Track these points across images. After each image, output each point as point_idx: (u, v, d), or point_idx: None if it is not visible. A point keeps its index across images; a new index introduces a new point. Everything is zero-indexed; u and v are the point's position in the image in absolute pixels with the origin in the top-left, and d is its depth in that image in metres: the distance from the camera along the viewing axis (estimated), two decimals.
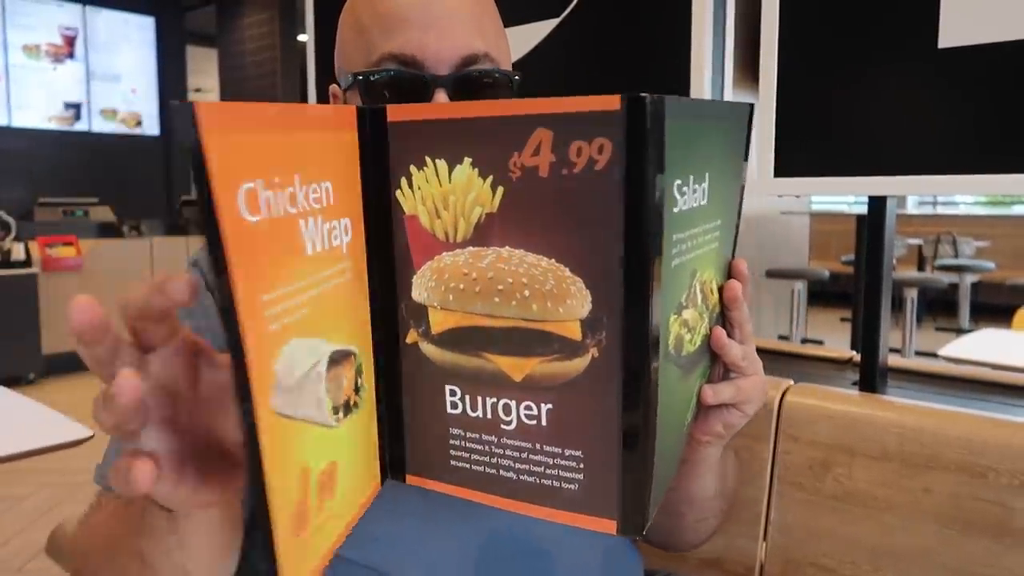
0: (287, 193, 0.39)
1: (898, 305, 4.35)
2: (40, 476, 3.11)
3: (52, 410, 1.61)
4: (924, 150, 1.08)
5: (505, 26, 0.75)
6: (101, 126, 7.92)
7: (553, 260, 0.45)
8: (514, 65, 1.06)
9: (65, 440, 1.43)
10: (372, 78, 0.67)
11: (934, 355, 2.24)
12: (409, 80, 0.66)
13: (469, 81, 0.67)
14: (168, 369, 0.40)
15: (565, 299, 0.45)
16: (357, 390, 0.47)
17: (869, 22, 1.11)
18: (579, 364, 0.45)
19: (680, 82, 1.29)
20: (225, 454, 0.42)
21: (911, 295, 4.56)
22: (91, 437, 1.46)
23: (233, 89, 7.15)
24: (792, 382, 1.11)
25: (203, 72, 8.70)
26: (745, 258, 0.61)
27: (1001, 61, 1.01)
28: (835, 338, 5.43)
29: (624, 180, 0.41)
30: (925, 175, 1.08)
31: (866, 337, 1.19)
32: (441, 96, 0.65)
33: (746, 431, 1.11)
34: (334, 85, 0.74)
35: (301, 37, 6.79)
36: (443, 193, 0.47)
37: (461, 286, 0.47)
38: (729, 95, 1.30)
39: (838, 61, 1.14)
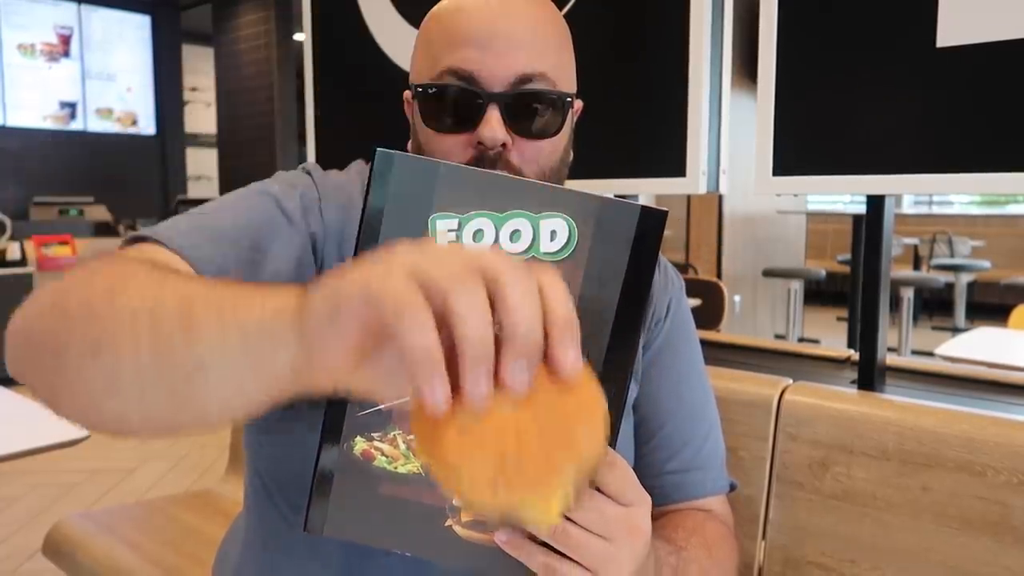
0: None
1: (894, 304, 4.35)
2: (33, 477, 3.10)
3: (45, 410, 1.59)
4: (922, 149, 1.08)
5: None
6: (96, 125, 7.90)
7: None
8: None
9: (58, 440, 1.42)
10: (430, 91, 0.72)
11: (931, 354, 2.24)
12: (464, 95, 0.70)
13: (521, 99, 0.70)
14: None
15: None
16: None
17: (867, 21, 1.11)
18: None
19: (678, 82, 1.28)
20: None
21: (907, 294, 4.57)
22: (85, 438, 1.45)
23: (229, 88, 7.14)
24: (791, 381, 1.11)
25: (199, 71, 8.68)
26: (742, 258, 0.59)
27: (999, 60, 1.01)
28: (831, 337, 5.44)
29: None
30: (923, 174, 1.08)
31: (865, 336, 1.19)
32: (493, 112, 0.69)
33: (745, 430, 1.11)
34: (407, 91, 0.79)
35: (297, 36, 6.78)
36: None
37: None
38: (728, 94, 1.30)
39: (836, 60, 1.14)
